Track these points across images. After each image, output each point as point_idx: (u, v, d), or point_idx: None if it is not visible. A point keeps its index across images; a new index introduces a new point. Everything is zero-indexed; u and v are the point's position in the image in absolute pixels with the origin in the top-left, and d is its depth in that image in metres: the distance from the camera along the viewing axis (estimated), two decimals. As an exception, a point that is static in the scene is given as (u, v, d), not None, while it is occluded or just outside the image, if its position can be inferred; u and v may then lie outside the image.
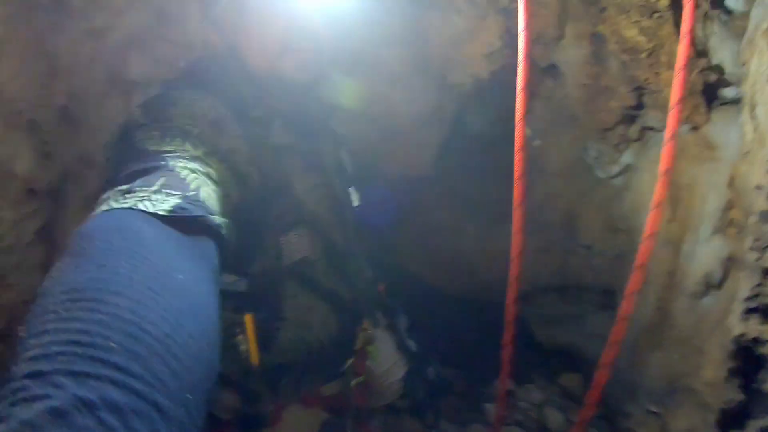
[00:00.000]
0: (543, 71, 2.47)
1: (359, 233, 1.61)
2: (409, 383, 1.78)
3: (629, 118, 2.31)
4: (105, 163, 1.18)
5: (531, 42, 1.20)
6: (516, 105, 1.28)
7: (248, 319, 1.31)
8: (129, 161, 1.05)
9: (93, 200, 1.54)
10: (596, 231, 2.62)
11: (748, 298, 1.57)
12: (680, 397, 2.11)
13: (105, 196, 0.94)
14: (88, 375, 0.54)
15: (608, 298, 2.81)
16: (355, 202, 1.61)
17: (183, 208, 0.87)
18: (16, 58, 1.24)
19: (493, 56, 2.30)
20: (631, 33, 1.98)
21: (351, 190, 1.62)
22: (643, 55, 1.99)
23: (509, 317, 1.48)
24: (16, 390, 0.53)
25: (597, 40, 2.17)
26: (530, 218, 3.05)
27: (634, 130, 2.35)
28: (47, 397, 0.51)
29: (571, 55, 2.30)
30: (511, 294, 1.47)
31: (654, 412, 2.20)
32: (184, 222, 0.85)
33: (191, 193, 0.93)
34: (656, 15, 1.88)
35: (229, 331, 1.32)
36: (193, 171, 1.00)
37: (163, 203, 0.86)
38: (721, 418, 1.81)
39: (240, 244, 1.22)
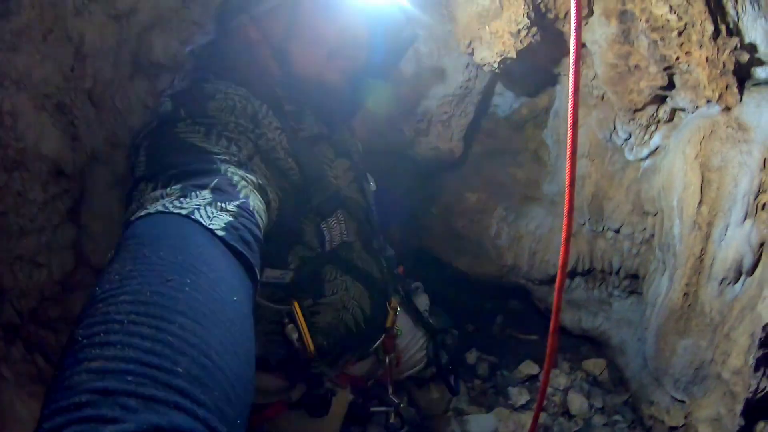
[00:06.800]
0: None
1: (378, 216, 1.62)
2: (430, 352, 1.84)
3: (659, 99, 2.24)
4: (132, 148, 1.15)
5: (580, 29, 1.15)
6: (569, 84, 1.24)
7: (297, 307, 1.33)
8: (174, 154, 1.04)
9: (121, 183, 1.58)
10: (624, 214, 2.56)
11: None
12: (706, 385, 2.07)
13: (157, 193, 0.92)
14: (155, 399, 0.52)
15: (635, 283, 2.77)
16: (373, 187, 1.62)
17: (234, 228, 0.86)
18: (41, 43, 1.25)
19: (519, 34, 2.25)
20: (662, 11, 1.91)
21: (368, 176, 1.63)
22: (674, 33, 1.92)
23: (556, 304, 1.45)
24: (81, 405, 0.50)
25: (626, 18, 2.10)
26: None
27: (664, 111, 2.29)
28: (118, 420, 0.49)
29: (600, 33, 2.23)
30: (558, 279, 1.44)
31: (679, 401, 2.17)
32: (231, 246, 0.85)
33: (241, 201, 0.93)
34: (687, -8, 1.81)
35: (276, 321, 1.35)
36: (242, 178, 1.00)
37: (217, 218, 0.86)
38: (748, 408, 1.77)
39: (283, 237, 1.22)
